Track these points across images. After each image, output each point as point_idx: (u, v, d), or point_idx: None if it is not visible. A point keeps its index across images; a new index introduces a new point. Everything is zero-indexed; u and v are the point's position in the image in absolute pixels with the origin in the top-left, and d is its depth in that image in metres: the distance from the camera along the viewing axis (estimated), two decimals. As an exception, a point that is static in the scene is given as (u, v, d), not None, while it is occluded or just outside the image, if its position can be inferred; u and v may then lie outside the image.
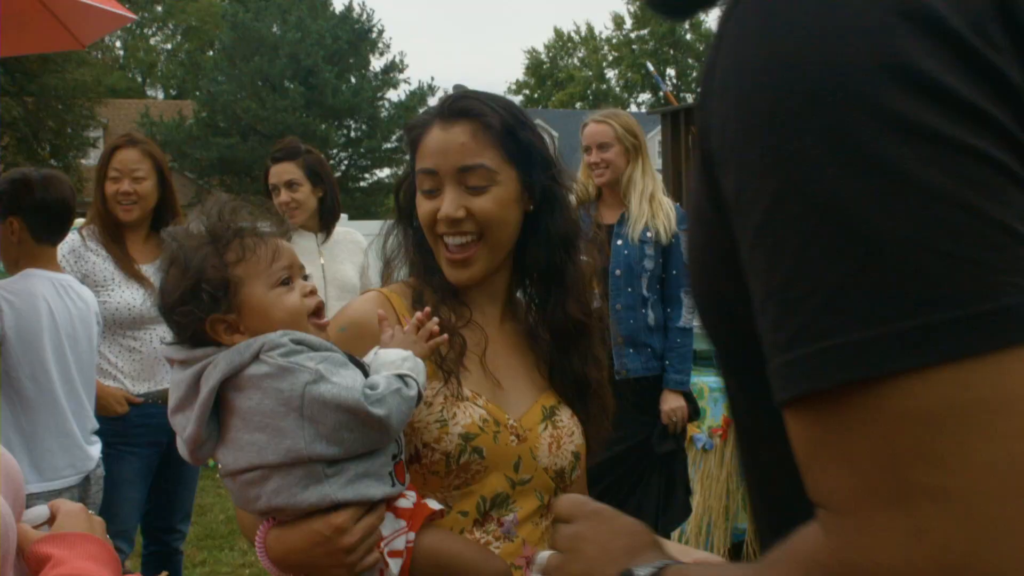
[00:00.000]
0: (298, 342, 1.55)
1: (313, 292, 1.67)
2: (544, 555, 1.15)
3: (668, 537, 4.54)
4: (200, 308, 1.58)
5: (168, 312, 1.64)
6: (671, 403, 4.43)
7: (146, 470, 4.06)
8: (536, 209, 1.82)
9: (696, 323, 4.37)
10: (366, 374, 1.59)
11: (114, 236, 4.06)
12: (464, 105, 1.76)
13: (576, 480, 1.85)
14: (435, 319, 1.69)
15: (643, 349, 4.46)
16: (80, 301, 3.56)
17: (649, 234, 4.41)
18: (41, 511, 1.54)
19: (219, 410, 1.59)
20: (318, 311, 1.66)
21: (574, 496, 1.15)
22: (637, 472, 4.49)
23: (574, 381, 1.87)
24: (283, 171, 4.33)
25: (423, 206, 1.79)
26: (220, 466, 1.64)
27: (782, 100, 0.69)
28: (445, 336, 1.69)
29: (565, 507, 1.13)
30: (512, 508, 1.73)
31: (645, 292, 4.45)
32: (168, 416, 1.66)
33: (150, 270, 4.03)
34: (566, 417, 1.84)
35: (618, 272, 4.44)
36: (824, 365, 0.66)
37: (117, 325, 3.96)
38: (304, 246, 4.33)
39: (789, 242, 0.68)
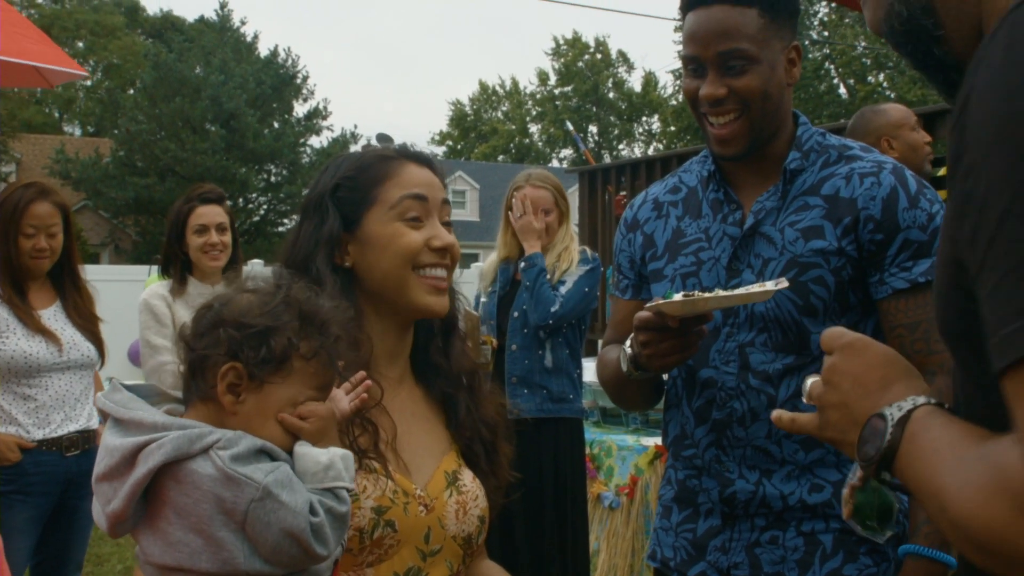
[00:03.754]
0: (256, 449, 1.46)
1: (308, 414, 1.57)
2: (810, 380, 1.22)
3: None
4: (240, 351, 1.48)
5: (213, 321, 1.52)
6: None
7: (38, 518, 3.97)
8: None
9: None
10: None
11: (17, 287, 3.98)
12: (424, 153, 1.88)
13: (481, 544, 1.85)
14: (367, 383, 1.64)
15: (538, 390, 4.57)
16: None
17: (552, 279, 4.55)
18: None
19: (150, 489, 1.46)
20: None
21: (833, 328, 1.22)
22: (533, 517, 4.54)
23: (477, 428, 1.88)
24: (215, 213, 4.35)
25: (414, 237, 1.78)
26: (140, 550, 1.50)
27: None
28: (366, 398, 1.64)
29: (824, 338, 1.21)
30: None
31: (542, 334, 4.54)
32: (93, 483, 1.52)
33: (46, 314, 4.02)
34: (468, 480, 1.83)
35: (515, 314, 4.60)
36: None
37: (12, 373, 3.89)
38: (199, 297, 4.35)
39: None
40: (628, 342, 2.11)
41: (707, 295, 1.91)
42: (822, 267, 2.09)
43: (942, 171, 5.77)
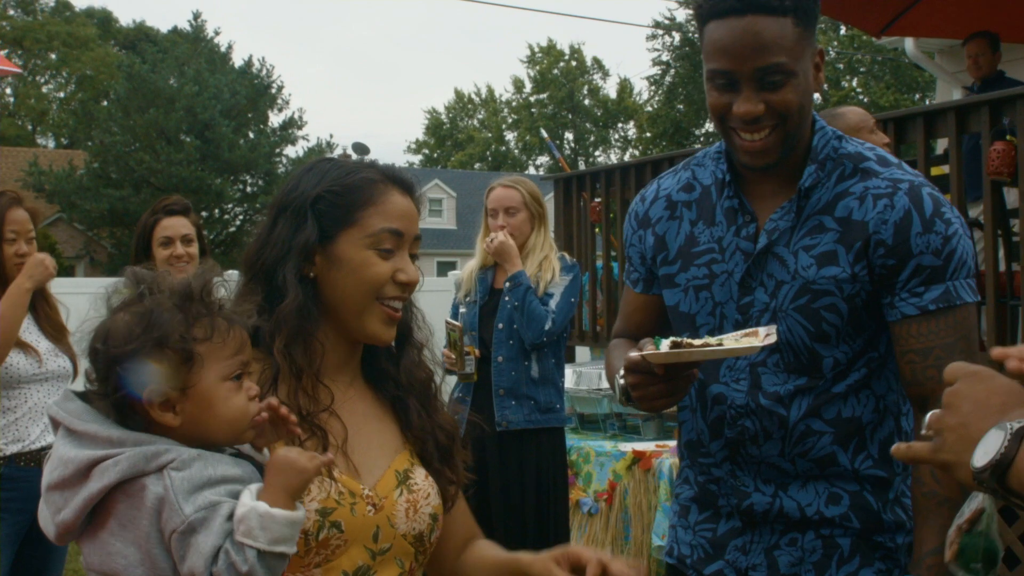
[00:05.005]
0: (208, 479, 1.46)
1: (257, 395, 1.59)
2: (932, 413, 1.25)
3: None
4: None
5: (107, 361, 1.51)
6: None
7: (15, 535, 3.93)
8: None
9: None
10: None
11: None
12: (410, 179, 1.87)
13: (435, 542, 1.86)
14: (283, 410, 1.61)
15: (526, 401, 4.59)
16: None
17: (538, 290, 4.55)
18: None
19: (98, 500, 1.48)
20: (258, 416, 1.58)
21: (958, 363, 1.26)
22: (515, 526, 4.56)
23: (432, 431, 1.89)
24: (180, 224, 4.35)
25: (381, 268, 1.78)
26: (83, 557, 1.53)
27: None
28: (298, 430, 1.64)
29: (949, 370, 1.26)
30: None
31: (529, 346, 4.55)
32: (43, 489, 1.52)
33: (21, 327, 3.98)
34: (420, 479, 1.84)
35: (500, 325, 4.59)
36: None
37: None
38: None
39: None
40: (621, 372, 2.04)
41: (695, 346, 1.88)
42: (835, 295, 2.05)
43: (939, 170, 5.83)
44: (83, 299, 4.72)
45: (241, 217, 36.80)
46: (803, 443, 2.10)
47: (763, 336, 1.90)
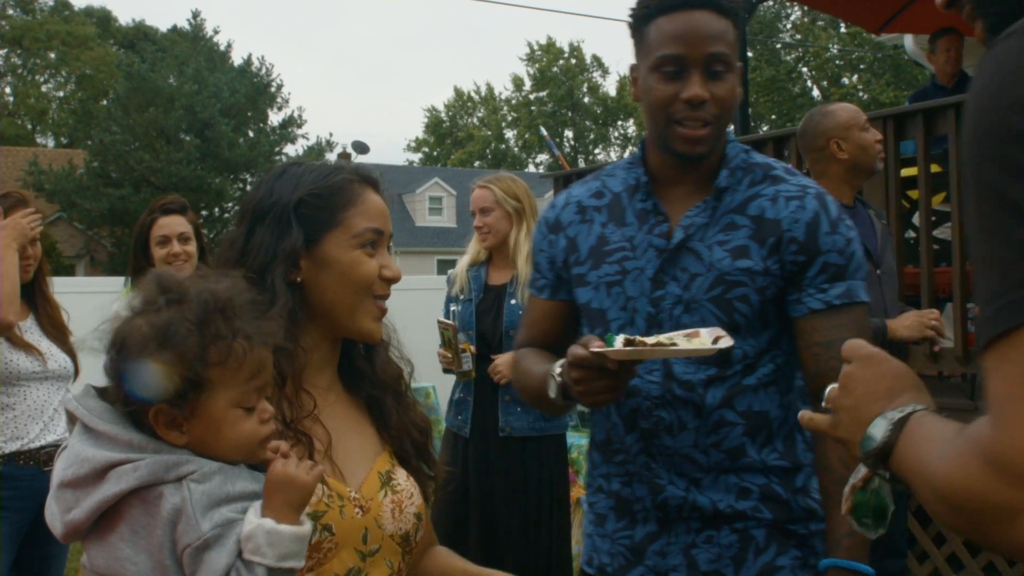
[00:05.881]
0: (224, 496, 1.46)
1: (271, 418, 1.56)
2: (830, 387, 1.36)
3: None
4: None
5: (117, 370, 1.50)
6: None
7: (15, 535, 3.92)
8: None
9: None
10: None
11: None
12: (378, 178, 1.92)
13: (420, 541, 1.90)
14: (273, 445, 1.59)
15: (531, 408, 4.51)
16: None
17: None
18: None
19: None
20: (269, 438, 1.56)
21: (855, 340, 1.36)
22: (519, 531, 4.57)
23: (408, 429, 1.93)
24: (176, 223, 4.37)
25: (370, 266, 1.81)
26: (85, 558, 1.52)
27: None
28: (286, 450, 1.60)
29: (846, 349, 1.35)
30: None
31: None
32: (54, 485, 1.51)
33: (23, 327, 4.00)
34: (403, 479, 1.86)
35: (512, 332, 4.54)
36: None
37: None
38: None
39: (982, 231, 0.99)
40: (558, 369, 2.10)
41: (651, 345, 1.93)
42: (747, 286, 2.16)
43: (910, 171, 5.83)
44: (83, 298, 4.71)
45: (241, 216, 36.79)
46: (716, 433, 2.19)
47: (711, 338, 1.96)
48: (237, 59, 37.97)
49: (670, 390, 2.18)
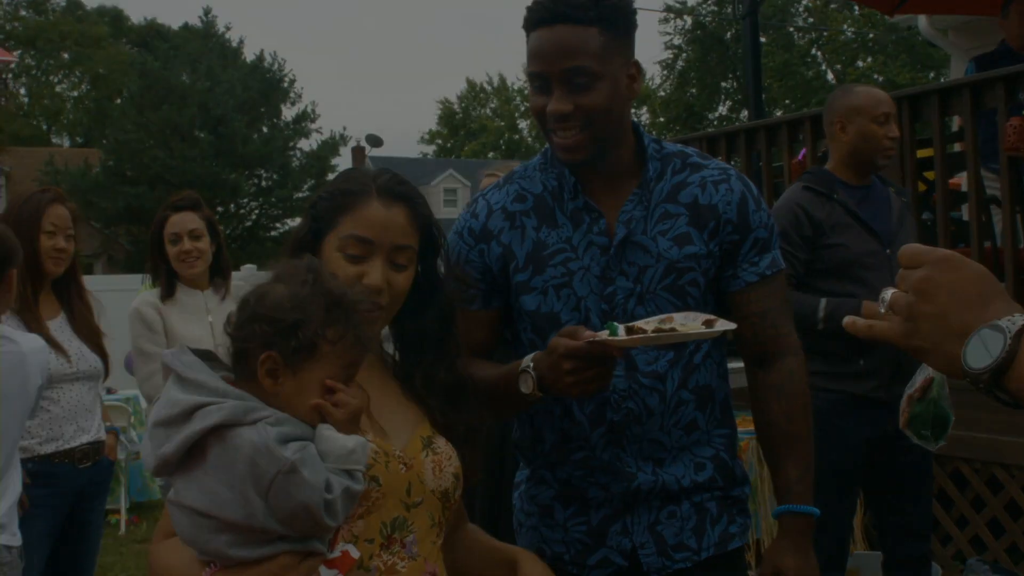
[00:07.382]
0: (294, 436, 1.64)
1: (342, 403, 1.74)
2: (889, 291, 1.22)
3: None
4: (274, 342, 1.69)
5: (251, 315, 1.72)
6: None
7: (50, 532, 3.95)
8: (420, 285, 2.01)
9: None
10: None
11: (35, 294, 3.98)
12: (405, 191, 1.97)
13: (458, 499, 2.00)
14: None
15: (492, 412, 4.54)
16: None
17: None
18: None
19: (196, 442, 1.66)
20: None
21: (914, 245, 1.23)
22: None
23: (456, 425, 2.01)
24: (187, 220, 4.39)
25: (347, 270, 1.89)
26: (173, 491, 1.71)
27: None
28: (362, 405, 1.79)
29: (908, 253, 1.21)
30: (411, 529, 1.86)
31: None
32: (149, 425, 1.73)
33: (52, 325, 4.01)
34: (442, 444, 1.97)
35: None
36: None
37: None
38: (190, 303, 4.38)
39: None
40: (531, 364, 2.08)
41: (651, 331, 1.97)
42: (695, 271, 2.27)
43: (926, 151, 5.80)
44: (102, 297, 4.71)
45: (257, 211, 36.91)
46: (676, 413, 2.28)
47: (695, 321, 2.03)
48: (249, 55, 37.98)
49: (635, 381, 2.24)
